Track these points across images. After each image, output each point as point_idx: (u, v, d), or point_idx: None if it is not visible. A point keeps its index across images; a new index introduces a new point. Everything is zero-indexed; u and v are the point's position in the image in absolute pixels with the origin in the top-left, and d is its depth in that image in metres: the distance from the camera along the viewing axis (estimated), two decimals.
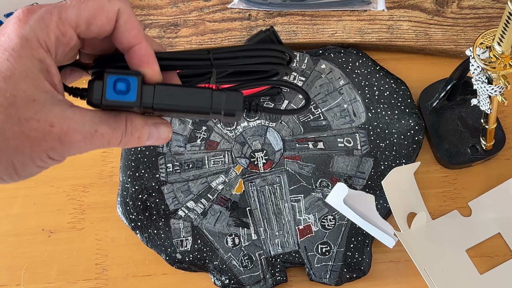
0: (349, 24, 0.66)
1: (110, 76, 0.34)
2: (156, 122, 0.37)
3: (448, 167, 0.61)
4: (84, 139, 0.33)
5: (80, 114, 0.33)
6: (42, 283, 0.58)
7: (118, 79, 0.34)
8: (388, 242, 0.54)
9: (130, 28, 0.35)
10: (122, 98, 0.34)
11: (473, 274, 0.56)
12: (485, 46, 0.49)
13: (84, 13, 0.34)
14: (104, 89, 0.34)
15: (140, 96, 0.34)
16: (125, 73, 0.34)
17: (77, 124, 0.33)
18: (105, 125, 0.34)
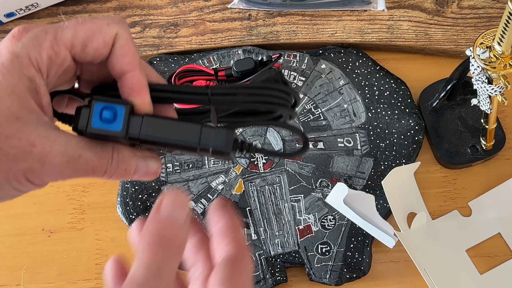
0: (349, 24, 0.66)
1: (98, 103, 0.33)
2: (145, 155, 0.35)
3: (448, 167, 0.61)
4: (67, 163, 0.31)
5: (65, 137, 0.32)
6: (42, 283, 0.58)
7: (105, 107, 0.33)
8: (388, 242, 0.54)
9: (125, 54, 0.34)
10: (107, 127, 0.33)
11: (473, 274, 0.56)
12: (485, 46, 0.49)
13: (80, 34, 0.33)
14: (90, 116, 0.33)
15: (127, 126, 0.33)
16: (113, 102, 0.33)
17: (60, 146, 0.31)
18: (91, 152, 0.32)
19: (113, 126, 0.33)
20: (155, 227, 0.30)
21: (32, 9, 0.67)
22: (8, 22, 0.67)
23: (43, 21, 0.68)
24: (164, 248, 0.30)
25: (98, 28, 0.33)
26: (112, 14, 0.68)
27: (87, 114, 0.33)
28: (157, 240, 0.30)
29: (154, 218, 0.31)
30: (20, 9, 0.66)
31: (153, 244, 0.30)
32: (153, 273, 0.29)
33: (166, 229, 0.30)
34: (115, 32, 0.33)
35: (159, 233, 0.30)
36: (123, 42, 0.34)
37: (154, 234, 0.30)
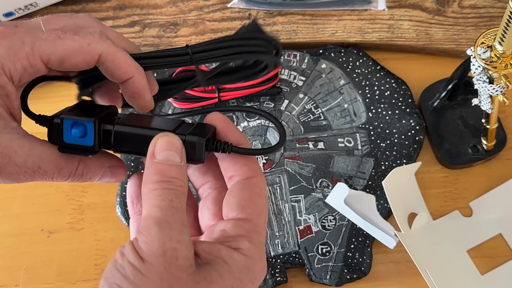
0: (350, 24, 0.66)
1: (66, 120, 0.33)
2: (113, 165, 0.36)
3: (449, 167, 0.61)
4: (24, 173, 0.32)
5: (27, 147, 0.32)
6: (41, 283, 0.58)
7: (75, 123, 0.33)
8: (388, 242, 0.54)
9: (118, 67, 0.34)
10: (80, 142, 0.33)
11: (474, 275, 0.56)
12: (486, 46, 0.49)
13: (59, 51, 0.33)
14: (61, 132, 0.33)
15: (98, 139, 0.33)
16: (81, 118, 0.33)
17: (19, 158, 0.31)
18: (52, 164, 0.33)
19: (85, 140, 0.33)
20: (155, 170, 0.31)
21: (31, 8, 0.67)
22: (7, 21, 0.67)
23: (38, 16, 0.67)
24: (169, 186, 0.31)
25: (78, 46, 0.33)
26: (111, 14, 0.67)
27: (58, 129, 0.33)
28: (161, 180, 0.31)
29: (151, 163, 0.32)
30: (19, 9, 0.66)
31: (157, 184, 0.31)
32: (167, 208, 0.30)
33: (166, 170, 0.31)
34: (99, 52, 0.34)
35: (161, 174, 0.31)
36: (112, 57, 0.34)
37: (156, 176, 0.31)
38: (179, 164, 0.32)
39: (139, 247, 0.29)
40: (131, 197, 0.37)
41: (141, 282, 0.28)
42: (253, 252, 0.32)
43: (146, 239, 0.29)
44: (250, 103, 0.63)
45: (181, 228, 0.30)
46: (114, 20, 0.67)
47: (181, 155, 0.32)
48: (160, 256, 0.29)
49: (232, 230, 0.33)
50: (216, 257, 0.31)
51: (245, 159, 0.35)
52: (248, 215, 0.33)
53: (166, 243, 0.29)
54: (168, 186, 0.31)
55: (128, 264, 0.29)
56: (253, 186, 0.34)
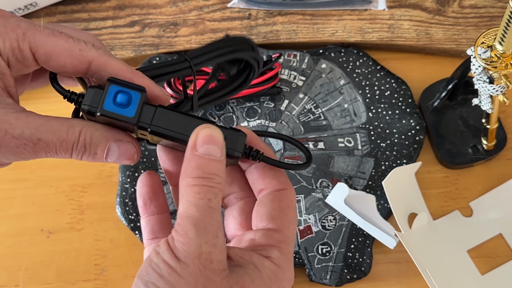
0: (350, 24, 0.66)
1: (112, 86, 0.32)
2: (120, 139, 0.34)
3: (449, 167, 0.61)
4: (24, 145, 0.31)
5: (24, 120, 0.31)
6: (41, 283, 0.58)
7: (120, 91, 0.32)
8: (389, 242, 0.54)
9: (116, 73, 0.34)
10: (119, 111, 0.32)
11: (474, 275, 0.56)
12: (487, 46, 0.49)
13: (48, 46, 0.32)
14: (103, 98, 0.32)
15: (139, 113, 0.32)
16: (129, 87, 0.33)
17: (15, 130, 0.31)
18: (52, 135, 0.32)
19: (126, 111, 0.32)
20: (195, 164, 0.31)
21: (31, 8, 0.67)
22: None
23: (42, 20, 0.67)
24: (209, 183, 0.30)
25: (68, 49, 0.33)
26: (111, 14, 0.67)
27: (99, 96, 0.32)
28: (201, 175, 0.31)
29: (192, 155, 0.31)
30: (19, 8, 0.66)
31: (197, 180, 0.30)
32: (204, 209, 0.30)
33: (206, 165, 0.31)
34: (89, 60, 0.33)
35: (202, 169, 0.31)
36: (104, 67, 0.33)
37: (196, 170, 0.31)
38: (219, 159, 0.31)
39: (174, 247, 0.29)
40: (143, 197, 0.37)
41: (176, 281, 0.29)
42: (282, 262, 0.32)
43: (183, 240, 0.29)
44: (250, 103, 0.63)
45: (217, 231, 0.30)
46: (114, 20, 0.67)
47: (222, 150, 0.32)
48: (195, 258, 0.29)
49: (262, 240, 0.33)
50: (248, 261, 0.31)
51: (274, 173, 0.35)
52: (277, 226, 0.33)
53: (201, 245, 0.29)
54: (207, 183, 0.31)
55: (163, 263, 0.29)
56: (284, 198, 0.34)
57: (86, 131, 0.33)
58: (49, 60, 0.33)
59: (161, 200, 0.37)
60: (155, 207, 0.37)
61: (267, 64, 0.61)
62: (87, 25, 0.67)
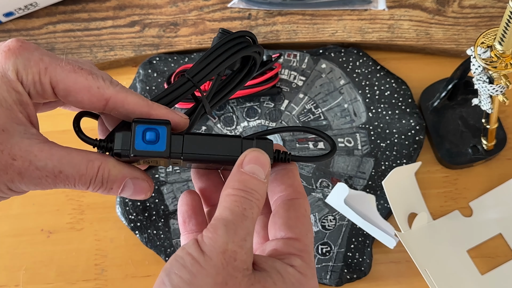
0: (350, 24, 0.66)
1: (139, 126, 0.34)
2: (136, 177, 0.36)
3: (449, 167, 0.61)
4: (46, 177, 0.32)
5: (48, 152, 0.33)
6: (41, 283, 0.58)
7: (147, 129, 0.34)
8: (388, 242, 0.54)
9: (132, 111, 0.35)
10: (151, 148, 0.34)
11: (474, 275, 0.56)
12: (486, 46, 0.49)
13: (68, 82, 0.33)
14: (133, 139, 0.34)
15: (170, 145, 0.34)
16: (154, 123, 0.34)
17: (40, 162, 0.32)
18: (73, 169, 0.33)
19: (157, 147, 0.34)
20: (238, 178, 0.33)
21: (31, 8, 0.67)
22: (7, 21, 0.67)
23: (42, 20, 0.67)
24: (247, 196, 0.32)
25: (87, 86, 0.34)
26: (111, 14, 0.67)
27: (128, 137, 0.34)
28: (241, 188, 0.32)
29: (238, 171, 0.33)
30: (19, 8, 0.66)
31: (237, 191, 0.32)
32: (238, 214, 0.31)
33: (248, 181, 0.33)
34: (106, 97, 0.34)
35: (243, 183, 0.32)
36: (121, 103, 0.34)
37: (238, 183, 0.32)
38: (263, 180, 0.33)
39: (202, 241, 0.30)
40: (182, 216, 0.38)
41: (197, 271, 0.29)
42: (306, 270, 0.33)
43: (211, 236, 0.30)
44: (250, 103, 0.63)
45: (246, 236, 0.31)
46: (114, 20, 0.67)
47: (267, 173, 0.33)
48: (220, 253, 0.30)
49: (284, 249, 0.33)
50: (272, 267, 0.32)
51: (291, 180, 0.36)
52: (296, 235, 0.34)
53: (228, 243, 0.30)
54: (245, 196, 0.32)
55: (187, 255, 0.30)
56: (298, 207, 0.35)
57: (105, 167, 0.34)
58: (68, 95, 0.34)
59: (200, 218, 0.38)
60: (194, 225, 0.38)
61: (267, 64, 0.61)
62: (87, 25, 0.67)
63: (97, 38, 0.66)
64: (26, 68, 0.33)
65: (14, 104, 0.32)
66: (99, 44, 0.66)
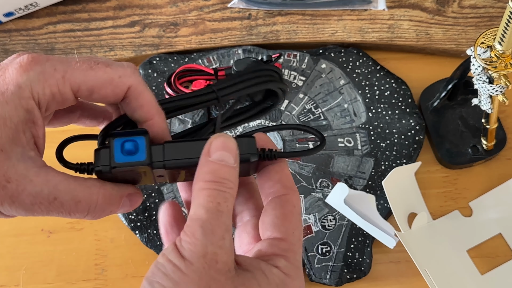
0: (350, 24, 0.66)
1: (117, 139, 0.33)
2: (131, 193, 0.35)
3: (449, 167, 0.61)
4: (39, 204, 0.31)
5: (44, 177, 0.31)
6: (41, 283, 0.58)
7: (126, 141, 0.33)
8: (388, 242, 0.54)
9: (141, 106, 0.34)
10: (131, 159, 0.33)
11: (474, 275, 0.56)
12: (486, 46, 0.49)
13: (90, 81, 0.33)
14: (112, 153, 0.33)
15: (150, 154, 0.33)
16: (131, 134, 0.33)
17: (34, 187, 0.31)
18: (68, 196, 0.32)
19: (137, 157, 0.33)
20: (208, 169, 0.32)
21: (31, 8, 0.67)
22: (7, 21, 0.67)
23: (42, 20, 0.67)
24: (219, 187, 0.31)
25: (109, 78, 0.33)
26: (111, 14, 0.67)
27: (107, 153, 0.33)
28: (212, 180, 0.31)
29: (205, 161, 0.32)
30: (19, 9, 0.66)
31: (209, 183, 0.31)
32: (213, 211, 0.30)
33: (218, 170, 0.32)
34: (128, 85, 0.34)
35: (213, 174, 0.31)
36: (138, 94, 0.34)
37: (208, 175, 0.31)
38: (232, 165, 0.32)
39: (181, 246, 0.30)
40: (164, 226, 0.37)
41: (180, 279, 0.29)
42: (290, 270, 0.32)
43: (189, 240, 0.30)
44: None
45: (224, 234, 0.30)
46: (114, 20, 0.67)
47: (235, 157, 0.32)
48: (200, 257, 0.29)
49: (268, 249, 0.33)
50: (256, 268, 0.32)
51: (279, 175, 0.35)
52: (282, 234, 0.33)
53: (207, 246, 0.30)
54: (218, 187, 0.31)
55: (168, 262, 0.30)
56: (286, 204, 0.34)
57: (104, 193, 0.34)
58: (92, 94, 0.34)
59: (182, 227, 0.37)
60: (176, 235, 0.37)
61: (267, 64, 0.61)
62: (87, 25, 0.67)
63: (97, 38, 0.66)
64: (41, 82, 0.32)
65: (20, 123, 0.31)
66: (99, 44, 0.66)
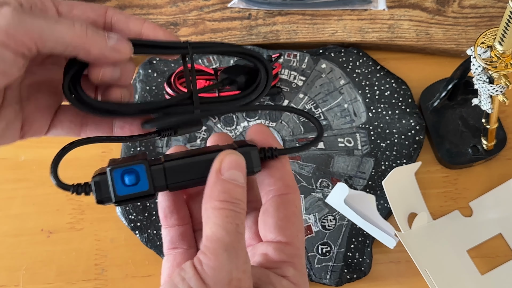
0: (350, 24, 0.66)
1: (115, 171, 0.32)
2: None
3: (449, 167, 0.61)
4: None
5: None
6: (41, 283, 0.58)
7: (125, 172, 0.32)
8: (388, 242, 0.54)
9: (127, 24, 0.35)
10: (133, 190, 0.32)
11: (474, 275, 0.56)
12: (486, 46, 0.49)
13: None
14: (113, 186, 0.32)
15: (152, 181, 0.32)
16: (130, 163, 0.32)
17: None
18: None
19: (139, 187, 0.32)
20: (222, 188, 0.31)
21: None
22: None
23: None
24: (235, 208, 0.30)
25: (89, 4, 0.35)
26: None
27: (106, 184, 0.32)
28: (228, 200, 0.30)
29: (218, 179, 0.31)
30: None
31: (225, 203, 0.30)
32: (234, 233, 0.29)
33: (233, 190, 0.31)
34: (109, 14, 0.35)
35: (228, 194, 0.31)
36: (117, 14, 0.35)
37: (223, 194, 0.31)
38: (243, 185, 0.31)
39: (203, 271, 0.28)
40: (164, 211, 0.36)
41: None
42: (298, 279, 0.32)
43: (213, 264, 0.28)
44: None
45: (246, 258, 0.29)
46: None
47: (245, 176, 0.32)
48: (225, 284, 0.28)
49: (275, 255, 0.32)
50: (266, 283, 0.31)
51: (280, 173, 0.34)
52: (287, 238, 0.33)
53: (232, 272, 0.28)
54: (234, 208, 0.30)
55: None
56: (288, 204, 0.34)
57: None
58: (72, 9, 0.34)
59: (182, 213, 0.37)
60: (175, 220, 0.36)
61: None
62: None
63: None
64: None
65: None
66: None
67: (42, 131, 0.37)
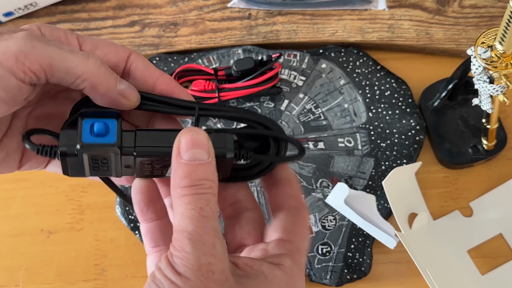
0: (350, 24, 0.66)
1: (86, 120, 0.31)
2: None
3: (449, 167, 0.61)
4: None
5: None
6: (41, 283, 0.58)
7: (96, 122, 0.31)
8: (389, 242, 0.54)
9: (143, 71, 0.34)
10: (100, 141, 0.31)
11: (474, 275, 0.56)
12: (487, 46, 0.49)
13: (93, 40, 0.34)
14: (80, 134, 0.31)
15: (120, 138, 0.31)
16: (103, 115, 0.32)
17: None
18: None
19: (106, 139, 0.31)
20: (182, 173, 0.30)
21: (31, 8, 0.66)
22: (7, 21, 0.67)
23: (41, 20, 0.67)
24: (198, 191, 0.30)
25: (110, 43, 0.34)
26: (111, 14, 0.67)
27: (74, 133, 0.31)
28: (189, 184, 0.30)
29: (178, 164, 0.30)
30: (19, 8, 0.66)
31: (186, 189, 0.30)
32: (197, 219, 0.29)
33: (193, 172, 0.30)
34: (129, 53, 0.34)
35: (189, 178, 0.30)
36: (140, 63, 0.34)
37: (184, 180, 0.30)
38: (207, 161, 0.30)
39: (174, 262, 0.29)
40: (139, 205, 0.36)
41: None
42: (294, 271, 0.32)
43: (180, 255, 0.29)
44: (250, 103, 0.62)
45: (213, 241, 0.29)
46: (114, 20, 0.67)
47: (208, 151, 0.30)
48: (195, 270, 0.28)
49: (274, 249, 0.32)
50: (258, 271, 0.31)
51: (291, 190, 0.35)
52: (291, 238, 0.33)
53: (200, 258, 0.29)
54: (196, 191, 0.30)
55: (165, 279, 0.29)
56: (299, 216, 0.34)
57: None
58: (95, 49, 0.33)
59: (158, 205, 0.36)
60: (152, 213, 0.36)
61: (267, 64, 0.61)
62: (87, 25, 0.67)
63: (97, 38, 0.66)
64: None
65: None
66: None
67: (39, 166, 0.36)
